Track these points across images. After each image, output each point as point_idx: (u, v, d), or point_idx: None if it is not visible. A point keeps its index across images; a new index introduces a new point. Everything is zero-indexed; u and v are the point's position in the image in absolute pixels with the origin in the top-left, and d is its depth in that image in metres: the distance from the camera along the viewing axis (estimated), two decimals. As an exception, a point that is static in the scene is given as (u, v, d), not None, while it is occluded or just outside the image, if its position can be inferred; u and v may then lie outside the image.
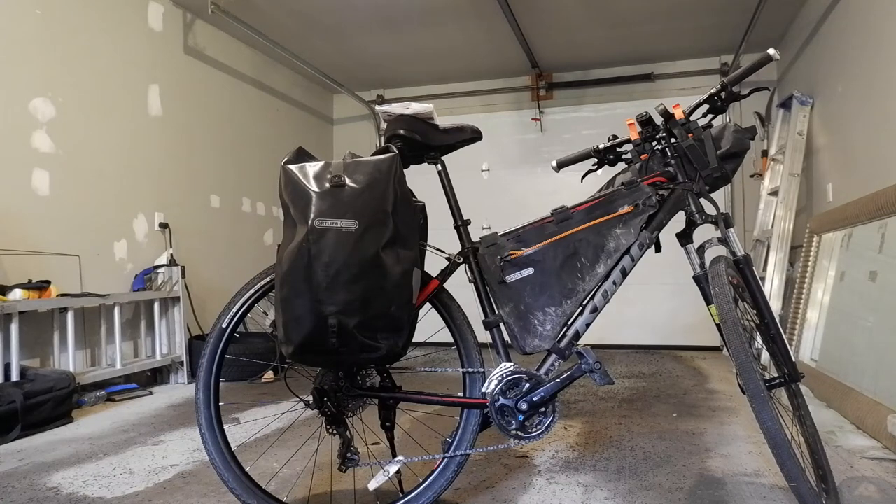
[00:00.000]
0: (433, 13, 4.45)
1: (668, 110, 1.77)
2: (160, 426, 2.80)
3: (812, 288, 3.51)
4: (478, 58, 5.40)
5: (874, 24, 3.19)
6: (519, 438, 1.62)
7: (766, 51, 1.65)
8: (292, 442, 2.47)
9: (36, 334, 3.15)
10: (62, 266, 3.34)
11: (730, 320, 1.48)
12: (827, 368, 3.07)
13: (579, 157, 1.99)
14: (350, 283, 1.39)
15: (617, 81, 5.64)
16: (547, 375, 1.65)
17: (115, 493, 1.94)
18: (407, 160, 1.68)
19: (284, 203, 1.47)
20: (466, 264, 1.71)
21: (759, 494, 1.84)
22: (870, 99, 3.28)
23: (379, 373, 1.66)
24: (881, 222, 2.86)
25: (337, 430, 1.62)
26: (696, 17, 4.58)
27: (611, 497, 1.84)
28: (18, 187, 3.14)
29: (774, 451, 1.40)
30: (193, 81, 4.41)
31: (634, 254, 1.68)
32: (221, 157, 4.69)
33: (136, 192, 3.87)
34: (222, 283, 4.53)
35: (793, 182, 4.14)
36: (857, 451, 2.22)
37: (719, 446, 2.33)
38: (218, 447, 1.62)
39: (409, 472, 1.98)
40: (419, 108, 1.66)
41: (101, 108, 3.64)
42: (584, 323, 1.68)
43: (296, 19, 4.53)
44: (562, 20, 4.60)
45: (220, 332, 1.65)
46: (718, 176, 1.75)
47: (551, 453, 2.28)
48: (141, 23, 3.96)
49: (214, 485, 1.98)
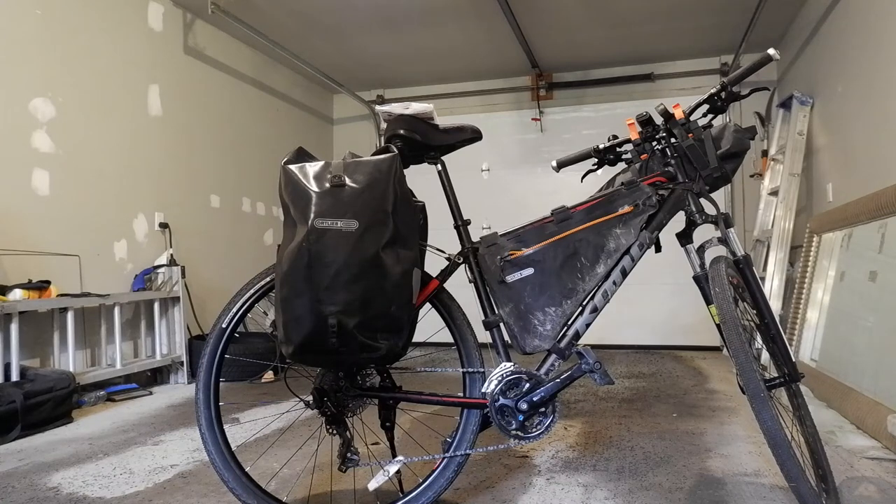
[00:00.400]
0: (433, 13, 4.45)
1: (668, 110, 1.77)
2: (160, 426, 2.80)
3: (812, 288, 3.51)
4: (478, 58, 5.40)
5: (874, 24, 3.19)
6: (519, 438, 1.62)
7: (766, 51, 1.65)
8: (292, 442, 2.47)
9: (36, 334, 3.15)
10: (62, 266, 3.34)
11: (730, 320, 1.48)
12: (827, 368, 3.07)
13: (579, 157, 1.99)
14: (350, 283, 1.39)
15: (617, 81, 5.64)
16: (547, 375, 1.65)
17: (115, 493, 1.94)
18: (407, 160, 1.68)
19: (284, 203, 1.47)
20: (466, 264, 1.71)
21: (759, 494, 1.84)
22: (870, 99, 3.28)
23: (379, 373, 1.66)
24: (881, 222, 2.86)
25: (337, 430, 1.62)
26: (696, 17, 4.58)
27: (611, 497, 1.84)
28: (18, 187, 3.14)
29: (774, 451, 1.40)
30: (193, 81, 4.41)
31: (634, 254, 1.68)
32: (221, 157, 4.69)
33: (136, 192, 3.87)
34: (222, 283, 4.53)
35: (793, 182, 4.14)
36: (857, 451, 2.22)
37: (719, 446, 2.33)
38: (218, 447, 1.62)
39: (409, 472, 1.98)
40: (419, 108, 1.66)
41: (101, 108, 3.64)
42: (584, 323, 1.68)
43: (296, 19, 4.53)
44: (562, 20, 4.60)
45: (220, 332, 1.65)
46: (718, 176, 1.75)
47: (551, 453, 2.28)
48: (141, 23, 3.96)
49: (214, 485, 1.98)
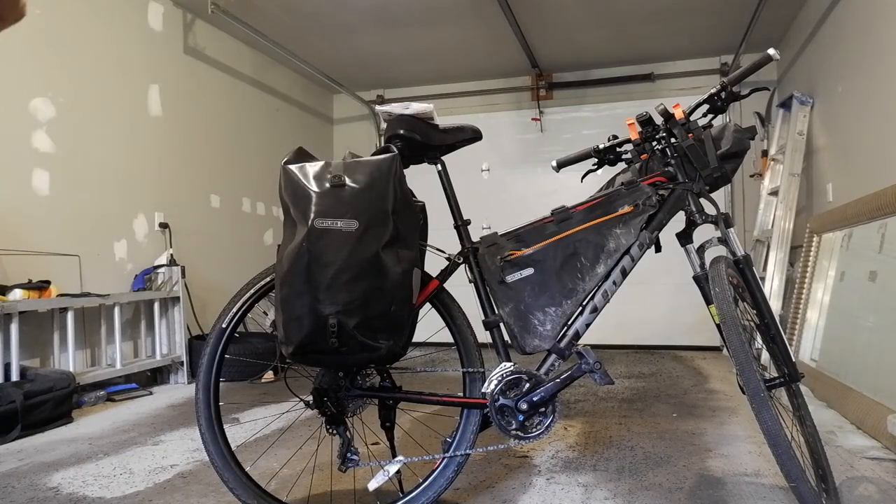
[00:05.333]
0: (433, 13, 4.45)
1: (668, 110, 1.77)
2: (160, 426, 2.80)
3: (812, 288, 3.51)
4: (478, 58, 5.40)
5: (874, 24, 3.19)
6: (519, 438, 1.62)
7: (766, 51, 1.65)
8: (292, 442, 2.47)
9: (36, 334, 3.15)
10: (62, 266, 3.34)
11: (730, 320, 1.48)
12: (827, 368, 3.07)
13: (579, 157, 1.99)
14: (350, 283, 1.39)
15: (617, 81, 5.63)
16: (547, 375, 1.65)
17: (115, 493, 1.94)
18: (407, 160, 1.67)
19: (284, 203, 1.47)
20: (466, 264, 1.71)
21: (759, 494, 1.84)
22: (870, 99, 3.28)
23: (379, 373, 1.66)
24: (881, 222, 2.86)
25: (337, 430, 1.62)
26: (696, 17, 4.58)
27: (611, 497, 1.84)
28: (18, 187, 3.14)
29: (774, 451, 1.40)
30: (193, 81, 4.41)
31: (634, 254, 1.68)
32: (221, 158, 4.69)
33: (136, 192, 3.87)
34: (222, 283, 4.53)
35: (793, 182, 4.13)
36: (857, 451, 2.22)
37: (719, 446, 2.33)
38: (218, 447, 1.62)
39: (409, 472, 1.98)
40: (419, 108, 1.66)
41: (101, 108, 3.64)
42: (584, 323, 1.68)
43: (296, 19, 4.53)
44: (562, 20, 4.60)
45: (220, 332, 1.65)
46: (718, 176, 1.75)
47: (551, 453, 2.28)
48: (141, 23, 3.96)
49: (214, 485, 1.98)
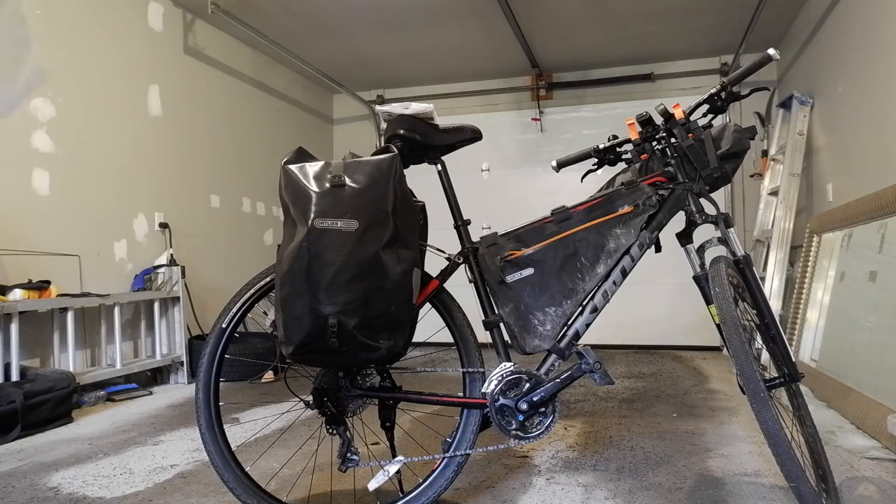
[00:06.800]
0: (433, 13, 4.45)
1: (668, 110, 1.77)
2: (160, 426, 2.80)
3: (812, 288, 3.51)
4: (478, 58, 5.40)
5: (874, 24, 3.19)
6: (519, 438, 1.62)
7: (766, 51, 1.65)
8: (292, 442, 2.47)
9: (36, 334, 3.15)
10: (62, 266, 3.34)
11: (730, 320, 1.48)
12: (827, 368, 3.07)
13: (579, 157, 1.99)
14: (350, 284, 1.39)
15: (617, 81, 5.63)
16: (547, 375, 1.65)
17: (115, 493, 1.94)
18: (407, 160, 1.68)
19: (284, 203, 1.47)
20: (466, 264, 1.71)
21: (759, 494, 1.84)
22: (870, 99, 3.28)
23: (379, 373, 1.66)
24: (881, 222, 2.86)
25: (337, 430, 1.62)
26: (696, 17, 4.58)
27: (611, 497, 1.84)
28: (18, 187, 3.14)
29: (774, 451, 1.40)
30: (193, 81, 4.41)
31: (634, 254, 1.68)
32: (221, 157, 4.69)
33: (136, 192, 3.87)
34: (222, 283, 4.53)
35: (793, 182, 4.13)
36: (857, 451, 2.22)
37: (719, 446, 2.33)
38: (218, 447, 1.62)
39: (409, 472, 1.98)
40: (419, 108, 1.66)
41: (101, 108, 3.64)
42: (584, 323, 1.68)
43: (296, 19, 4.53)
44: (562, 20, 4.60)
45: (220, 332, 1.65)
46: (718, 176, 1.75)
47: (551, 453, 2.28)
48: (141, 23, 3.96)
49: (214, 485, 1.98)
